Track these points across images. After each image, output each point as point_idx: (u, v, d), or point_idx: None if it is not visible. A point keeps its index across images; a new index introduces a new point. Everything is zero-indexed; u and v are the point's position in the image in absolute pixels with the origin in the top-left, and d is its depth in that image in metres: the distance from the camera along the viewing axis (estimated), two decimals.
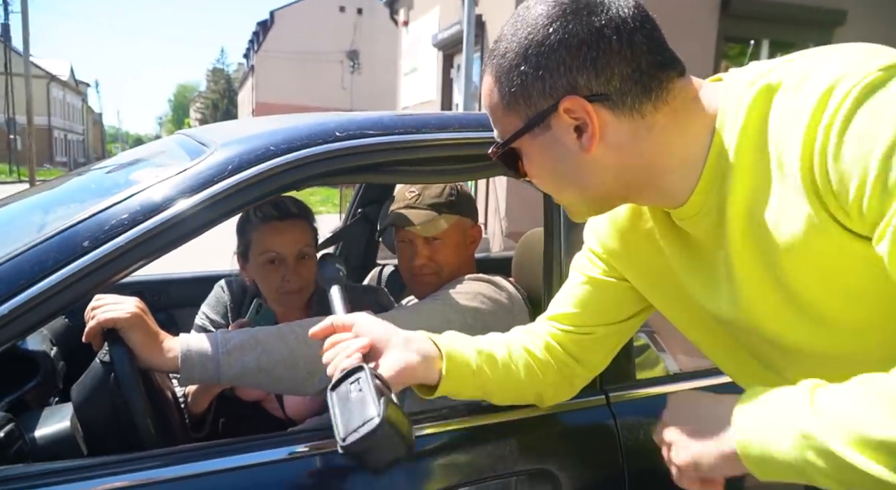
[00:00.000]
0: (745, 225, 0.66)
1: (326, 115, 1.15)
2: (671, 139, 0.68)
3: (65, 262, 0.86)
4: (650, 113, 0.67)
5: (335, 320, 0.91)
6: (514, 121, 0.71)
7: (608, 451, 1.05)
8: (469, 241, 1.51)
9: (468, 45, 6.75)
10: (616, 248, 0.89)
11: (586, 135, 0.68)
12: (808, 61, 0.62)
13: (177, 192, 0.94)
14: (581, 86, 0.66)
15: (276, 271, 1.43)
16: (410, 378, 0.86)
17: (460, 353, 0.90)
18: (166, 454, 0.91)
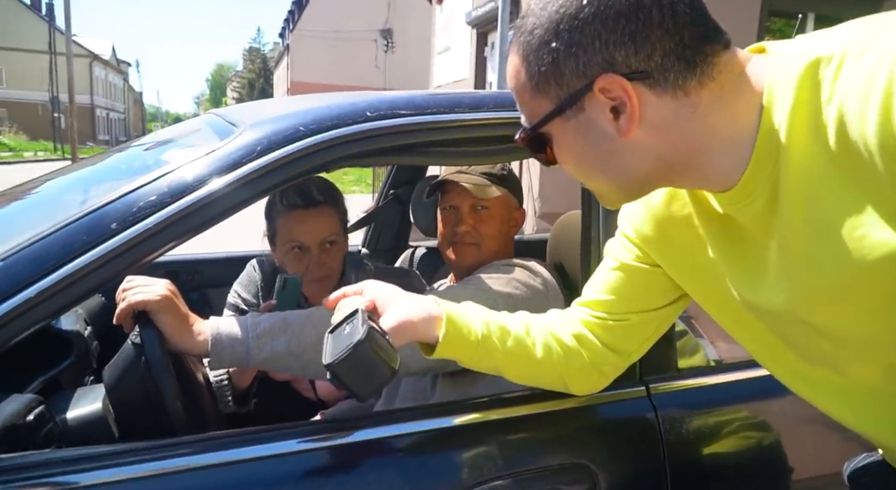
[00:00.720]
0: (805, 212, 0.60)
1: (357, 95, 1.12)
2: (718, 118, 0.62)
3: (93, 245, 0.85)
4: (695, 90, 0.61)
5: (346, 289, 0.92)
6: (544, 103, 0.66)
7: (648, 446, 1.00)
8: (512, 222, 1.49)
9: (503, 23, 6.61)
10: (650, 234, 0.84)
11: (624, 116, 0.62)
12: (862, 31, 0.56)
13: (205, 173, 0.92)
14: (619, 62, 0.60)
15: (300, 259, 1.43)
16: (411, 332, 0.86)
17: (463, 318, 0.89)
18: (197, 441, 0.90)
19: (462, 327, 0.88)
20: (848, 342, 0.66)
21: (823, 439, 1.06)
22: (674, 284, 0.86)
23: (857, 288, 0.60)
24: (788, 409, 1.09)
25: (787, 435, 1.10)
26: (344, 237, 1.51)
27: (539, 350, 0.91)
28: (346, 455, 0.90)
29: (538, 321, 0.95)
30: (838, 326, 0.64)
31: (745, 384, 1.09)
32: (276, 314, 1.12)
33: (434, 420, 0.96)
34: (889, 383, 0.67)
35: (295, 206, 1.41)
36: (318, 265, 1.42)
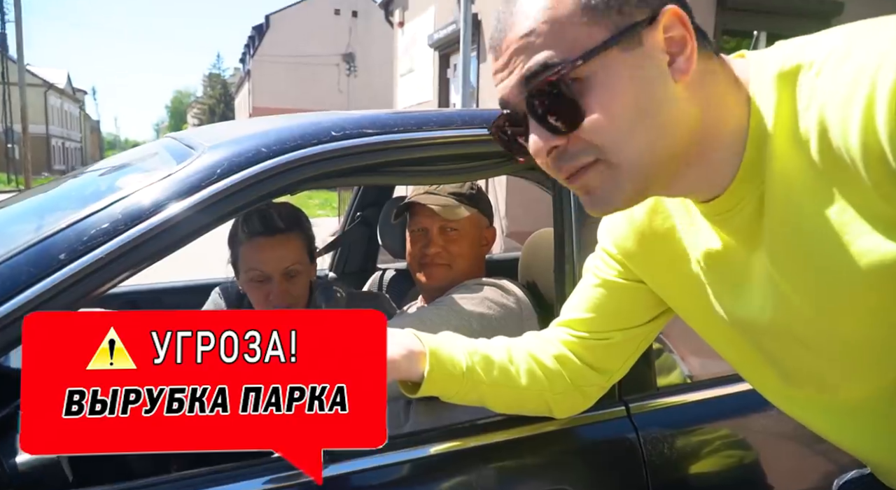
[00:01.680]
0: (790, 224, 0.59)
1: (321, 114, 1.09)
2: (724, 98, 0.60)
3: (40, 277, 0.79)
4: (711, 60, 0.61)
5: None
6: (596, 31, 0.57)
7: (630, 467, 0.98)
8: (483, 241, 1.46)
9: (465, 44, 6.69)
10: (632, 249, 0.82)
11: (682, 57, 0.57)
12: (841, 38, 0.55)
13: (162, 198, 0.87)
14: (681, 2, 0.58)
15: (261, 289, 1.38)
16: (393, 373, 0.81)
17: (448, 352, 0.85)
18: (157, 483, 0.84)
19: (446, 362, 0.84)
20: (836, 358, 0.64)
21: (807, 455, 1.05)
22: (657, 300, 0.84)
23: (846, 299, 0.58)
24: (771, 426, 1.08)
25: (771, 451, 1.09)
26: (310, 265, 1.46)
27: (523, 377, 0.88)
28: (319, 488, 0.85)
29: (519, 346, 0.92)
30: (827, 341, 0.63)
31: (725, 400, 1.08)
32: None
33: (410, 450, 0.91)
34: (879, 402, 0.65)
35: (257, 233, 1.36)
36: (280, 295, 1.37)
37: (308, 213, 1.57)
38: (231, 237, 1.43)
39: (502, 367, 0.88)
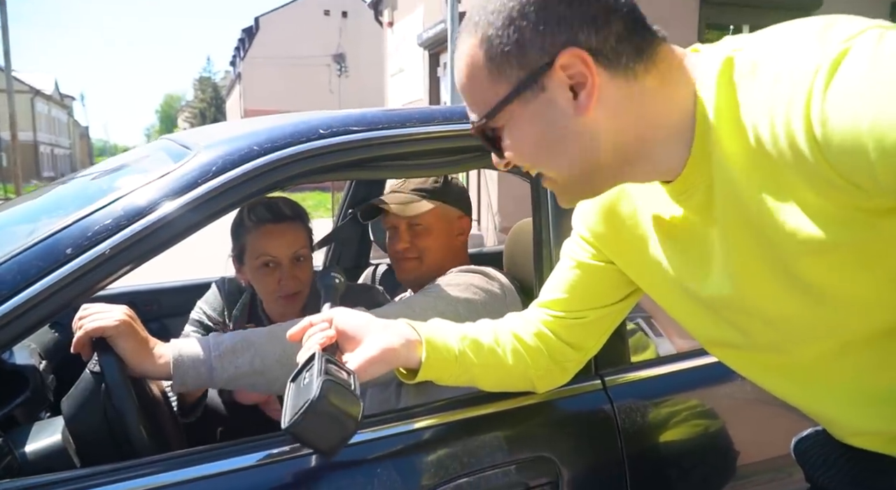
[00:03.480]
0: (737, 207, 0.65)
1: (310, 113, 1.15)
2: (662, 105, 0.66)
3: (48, 271, 0.85)
4: (642, 75, 0.65)
5: (313, 318, 0.92)
6: (502, 87, 0.66)
7: (606, 436, 1.04)
8: (455, 231, 1.51)
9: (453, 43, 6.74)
10: (603, 232, 0.88)
11: (584, 93, 0.64)
12: (776, 38, 0.61)
13: (161, 195, 0.93)
14: (581, 41, 0.63)
15: (271, 274, 1.42)
16: (392, 360, 0.87)
17: (441, 338, 0.91)
18: (160, 460, 0.90)
19: (440, 348, 0.90)
20: (784, 328, 0.70)
21: (771, 421, 1.12)
22: (627, 280, 0.90)
23: (783, 275, 0.65)
24: (737, 394, 1.14)
25: (737, 418, 1.16)
26: (311, 254, 1.52)
27: (510, 357, 0.95)
28: (313, 464, 0.91)
29: (503, 327, 0.98)
30: (775, 313, 0.69)
31: (694, 372, 1.14)
32: (238, 333, 1.13)
33: (400, 425, 0.98)
34: (825, 361, 0.72)
35: (265, 220, 1.42)
36: (291, 279, 1.42)
37: None
38: (235, 228, 1.47)
39: (490, 349, 0.94)
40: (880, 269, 0.61)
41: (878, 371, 0.70)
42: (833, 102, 0.52)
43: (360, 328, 0.89)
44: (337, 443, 0.77)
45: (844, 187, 0.55)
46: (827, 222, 0.58)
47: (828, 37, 0.55)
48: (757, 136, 0.59)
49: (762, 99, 0.58)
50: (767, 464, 1.12)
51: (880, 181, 0.52)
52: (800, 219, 0.59)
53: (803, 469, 0.89)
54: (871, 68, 0.51)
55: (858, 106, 0.51)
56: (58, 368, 1.44)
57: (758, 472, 1.17)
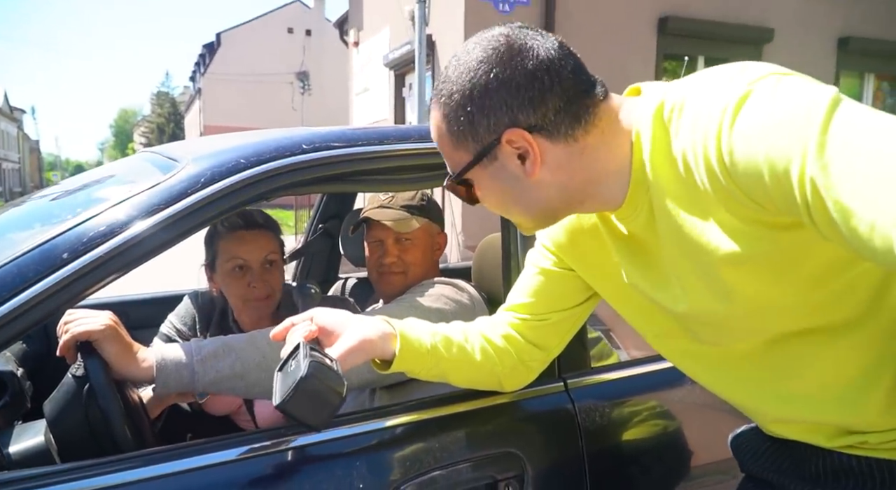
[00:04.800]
0: (671, 227, 0.75)
1: (293, 130, 1.21)
2: (602, 156, 0.78)
3: (45, 274, 0.89)
4: (581, 136, 0.76)
5: (294, 318, 0.97)
6: (464, 155, 0.79)
7: (568, 433, 1.12)
8: (435, 246, 1.59)
9: (420, 64, 6.87)
10: (564, 243, 0.98)
11: (529, 161, 0.76)
12: (698, 82, 0.72)
13: (153, 203, 0.98)
14: (521, 120, 0.75)
15: (242, 278, 1.47)
16: (370, 350, 0.94)
17: (415, 333, 0.99)
18: (140, 455, 0.94)
19: (414, 341, 0.98)
20: (722, 326, 0.81)
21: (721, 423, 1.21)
22: (585, 285, 1.00)
23: (713, 285, 0.75)
24: (688, 398, 1.24)
25: (690, 420, 1.26)
26: (282, 264, 1.56)
27: (478, 354, 1.03)
28: (288, 459, 0.96)
29: (473, 328, 1.07)
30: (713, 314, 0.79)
31: (650, 376, 1.24)
32: (218, 338, 1.17)
33: (376, 422, 1.04)
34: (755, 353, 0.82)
35: (237, 227, 1.47)
36: (261, 282, 1.46)
37: None
38: (209, 236, 1.51)
39: (460, 346, 1.02)
40: (786, 278, 0.72)
41: (798, 368, 0.81)
42: (737, 136, 0.63)
43: (339, 324, 0.95)
44: (326, 417, 0.84)
45: (750, 205, 0.66)
46: (740, 238, 0.69)
47: (736, 80, 0.66)
48: (685, 165, 0.70)
49: (687, 133, 0.69)
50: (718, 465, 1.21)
51: (774, 200, 0.62)
52: (719, 236, 0.70)
53: (738, 460, 1.00)
54: (766, 110, 0.62)
55: (756, 141, 0.62)
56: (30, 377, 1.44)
57: (708, 473, 1.26)
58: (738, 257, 0.70)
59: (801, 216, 0.60)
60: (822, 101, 0.59)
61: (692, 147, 0.68)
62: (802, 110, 0.60)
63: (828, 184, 0.56)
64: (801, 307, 0.75)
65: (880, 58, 8.45)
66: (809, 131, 0.58)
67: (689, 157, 0.69)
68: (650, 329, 0.95)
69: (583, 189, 0.80)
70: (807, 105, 0.60)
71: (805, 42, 7.82)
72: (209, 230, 1.52)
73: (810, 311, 0.75)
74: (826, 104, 0.59)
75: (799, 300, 0.74)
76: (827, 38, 8.10)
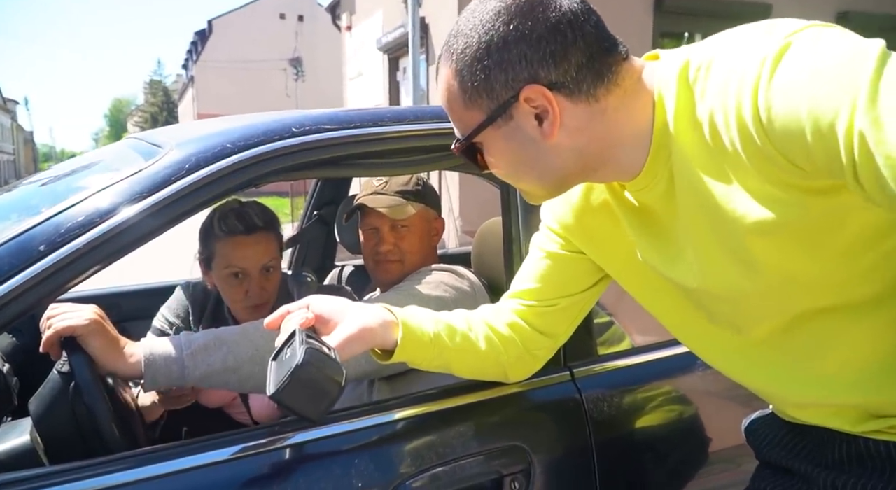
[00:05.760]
0: (694, 196, 0.70)
1: (283, 112, 1.16)
2: (623, 118, 0.72)
3: (21, 268, 0.84)
4: (603, 96, 0.71)
5: (289, 306, 0.92)
6: (476, 114, 0.74)
7: (575, 424, 1.08)
8: (433, 232, 1.54)
9: (414, 48, 6.78)
10: (572, 224, 0.93)
11: (547, 121, 0.71)
12: (724, 41, 0.67)
13: (135, 192, 0.93)
14: (541, 76, 0.69)
15: (239, 286, 1.42)
16: (370, 339, 0.90)
17: (417, 321, 0.94)
18: (130, 456, 0.90)
19: (416, 330, 0.93)
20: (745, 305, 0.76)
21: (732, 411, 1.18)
22: (595, 268, 0.95)
23: (738, 258, 0.70)
24: (700, 385, 1.20)
25: (700, 408, 1.22)
26: (280, 263, 1.52)
27: (482, 343, 0.98)
28: (285, 457, 0.92)
29: (476, 317, 1.02)
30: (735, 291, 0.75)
31: (658, 364, 1.20)
32: (210, 331, 1.12)
33: (376, 417, 0.99)
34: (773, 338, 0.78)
35: (236, 231, 1.39)
36: (259, 290, 1.41)
37: None
38: (205, 232, 1.45)
39: (464, 335, 0.97)
40: (817, 249, 0.67)
41: (819, 349, 0.76)
42: (777, 90, 0.58)
43: (338, 312, 0.90)
44: (323, 408, 0.79)
45: (786, 167, 0.61)
46: (772, 205, 0.64)
47: (772, 33, 0.62)
48: (712, 128, 0.65)
49: (716, 92, 0.64)
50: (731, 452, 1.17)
51: (815, 160, 0.58)
52: (748, 203, 0.65)
53: (753, 448, 0.95)
54: (809, 61, 0.57)
55: (798, 94, 0.57)
56: (18, 373, 1.40)
57: (721, 460, 1.23)
58: (768, 225, 0.65)
59: (845, 176, 0.56)
60: (871, 52, 0.55)
61: (722, 108, 0.63)
62: (849, 61, 0.55)
63: (880, 138, 0.51)
64: (827, 282, 0.70)
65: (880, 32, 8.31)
66: (859, 83, 0.53)
67: (717, 119, 0.64)
68: (664, 311, 0.90)
69: (600, 154, 0.74)
70: (853, 56, 0.55)
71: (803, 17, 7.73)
72: (204, 225, 1.46)
73: (836, 287, 0.71)
74: (876, 55, 0.55)
75: (827, 273, 0.69)
76: (826, 13, 7.99)
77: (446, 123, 1.13)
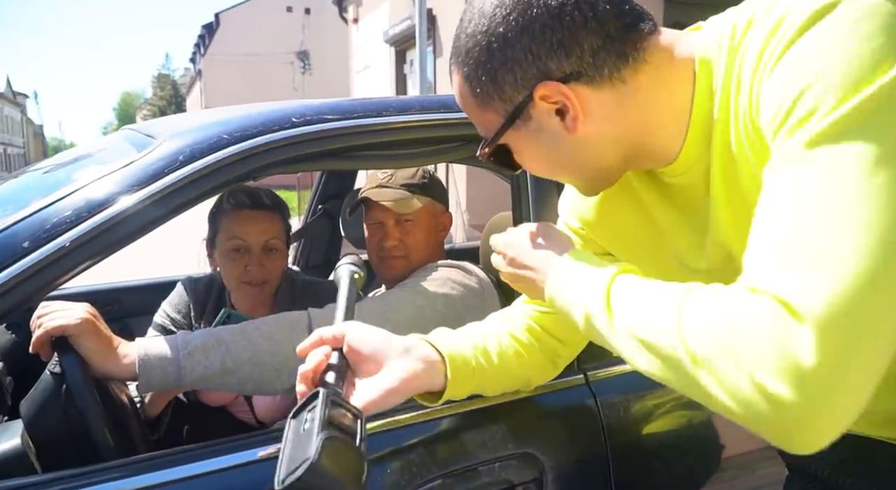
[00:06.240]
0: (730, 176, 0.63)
1: (282, 102, 1.11)
2: (658, 97, 0.66)
3: (3, 266, 0.79)
4: (631, 77, 0.64)
5: (324, 334, 0.78)
6: (493, 117, 0.69)
7: (590, 431, 1.03)
8: (440, 227, 1.49)
9: (421, 40, 6.71)
10: (594, 218, 0.86)
11: (569, 116, 0.65)
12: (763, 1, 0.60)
13: (124, 185, 0.88)
14: (553, 70, 0.63)
15: (239, 259, 1.39)
16: (416, 387, 0.79)
17: (460, 353, 0.85)
18: (124, 465, 0.85)
19: (462, 366, 0.83)
20: None
21: None
22: None
23: None
24: None
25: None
26: (286, 249, 1.48)
27: (514, 361, 0.90)
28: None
29: (500, 330, 0.93)
30: None
31: None
32: (207, 331, 1.08)
33: (381, 423, 0.94)
34: None
35: (243, 205, 1.39)
36: (258, 266, 1.38)
37: None
38: (213, 212, 1.44)
39: (499, 356, 0.89)
40: None
41: None
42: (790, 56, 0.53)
43: (378, 351, 0.77)
44: None
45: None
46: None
47: None
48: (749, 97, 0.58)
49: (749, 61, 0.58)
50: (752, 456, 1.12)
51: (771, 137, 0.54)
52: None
53: (782, 456, 0.89)
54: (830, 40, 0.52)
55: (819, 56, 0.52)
56: (16, 371, 1.37)
57: (742, 465, 1.17)
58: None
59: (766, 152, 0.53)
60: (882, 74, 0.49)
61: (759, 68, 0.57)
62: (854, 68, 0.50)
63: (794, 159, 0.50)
64: None
65: None
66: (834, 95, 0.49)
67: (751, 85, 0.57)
68: None
69: (639, 140, 0.68)
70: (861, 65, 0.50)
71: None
72: (214, 205, 1.44)
73: None
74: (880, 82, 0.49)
75: None
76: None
77: (454, 113, 1.08)
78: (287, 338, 1.07)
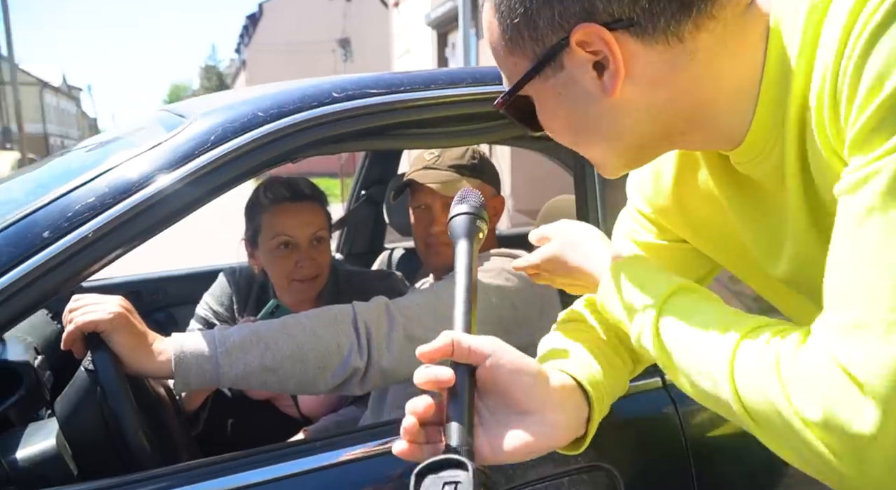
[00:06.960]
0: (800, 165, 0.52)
1: (321, 78, 1.02)
2: (720, 64, 0.53)
3: (22, 258, 0.73)
4: (690, 34, 0.51)
5: (461, 341, 0.55)
6: (520, 61, 0.57)
7: (669, 441, 0.91)
8: (491, 212, 1.38)
9: (464, 22, 6.57)
10: (667, 206, 0.74)
11: (608, 72, 0.53)
12: None
13: (151, 169, 0.81)
14: (599, 10, 0.51)
15: (288, 256, 1.34)
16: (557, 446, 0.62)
17: (598, 383, 0.68)
18: (165, 474, 0.79)
19: (602, 398, 0.68)
20: None
21: None
22: (701, 258, 0.75)
23: None
24: None
25: None
26: (329, 238, 1.43)
27: (620, 369, 0.76)
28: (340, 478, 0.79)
29: (593, 335, 0.78)
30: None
31: None
32: (246, 326, 1.01)
33: None
34: None
35: (283, 198, 1.34)
36: (309, 261, 1.34)
37: None
38: (250, 207, 1.40)
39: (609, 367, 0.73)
40: None
41: None
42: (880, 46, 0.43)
43: (528, 394, 0.58)
44: None
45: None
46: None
47: None
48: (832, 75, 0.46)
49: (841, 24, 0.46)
50: None
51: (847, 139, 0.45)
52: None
53: None
54: None
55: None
56: (57, 364, 1.34)
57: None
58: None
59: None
60: None
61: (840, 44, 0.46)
62: None
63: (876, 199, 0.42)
64: None
65: None
66: None
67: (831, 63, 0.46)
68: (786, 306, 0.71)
69: (691, 115, 0.55)
70: None
71: None
72: (250, 200, 1.39)
73: None
74: None
75: None
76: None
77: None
78: (331, 333, 1.00)
